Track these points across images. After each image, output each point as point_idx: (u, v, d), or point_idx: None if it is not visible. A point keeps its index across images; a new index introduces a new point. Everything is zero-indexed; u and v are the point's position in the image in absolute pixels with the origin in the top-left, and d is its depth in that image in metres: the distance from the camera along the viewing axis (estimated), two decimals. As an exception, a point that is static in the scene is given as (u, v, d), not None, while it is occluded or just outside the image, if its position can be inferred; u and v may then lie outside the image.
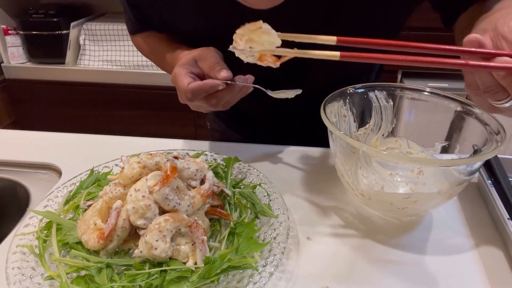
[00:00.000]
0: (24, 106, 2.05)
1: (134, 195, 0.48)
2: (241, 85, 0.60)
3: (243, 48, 0.40)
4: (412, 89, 0.65)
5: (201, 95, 0.59)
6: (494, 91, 0.40)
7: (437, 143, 0.65)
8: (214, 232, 0.53)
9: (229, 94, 0.60)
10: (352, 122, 0.66)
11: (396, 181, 0.63)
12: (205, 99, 0.60)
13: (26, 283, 0.45)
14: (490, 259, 0.53)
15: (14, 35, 1.94)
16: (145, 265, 0.47)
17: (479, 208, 0.62)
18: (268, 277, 0.46)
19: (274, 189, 0.60)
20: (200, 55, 0.61)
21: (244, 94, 0.62)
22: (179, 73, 0.60)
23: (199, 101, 0.60)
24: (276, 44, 0.39)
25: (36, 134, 0.85)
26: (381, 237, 0.56)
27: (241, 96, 0.62)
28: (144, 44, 0.81)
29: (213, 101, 0.59)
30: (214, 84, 0.57)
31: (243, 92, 0.62)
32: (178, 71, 0.61)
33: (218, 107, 0.62)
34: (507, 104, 0.40)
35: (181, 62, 0.62)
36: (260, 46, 0.39)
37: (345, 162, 0.57)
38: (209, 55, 0.60)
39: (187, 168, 0.53)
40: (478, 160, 0.50)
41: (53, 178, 0.73)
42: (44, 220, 0.53)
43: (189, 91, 0.57)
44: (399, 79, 1.89)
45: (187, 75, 0.59)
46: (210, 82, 0.57)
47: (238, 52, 0.41)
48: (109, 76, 1.91)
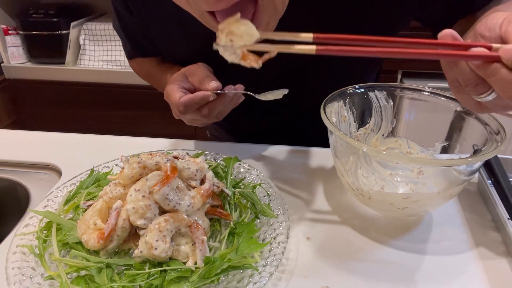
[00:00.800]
0: (24, 106, 2.05)
1: (134, 195, 0.48)
2: (231, 94, 0.61)
3: (224, 44, 0.41)
4: (412, 89, 0.65)
5: (193, 108, 0.60)
6: (474, 84, 0.39)
7: (437, 143, 0.65)
8: (214, 232, 0.53)
9: (220, 104, 0.61)
10: (352, 122, 0.66)
11: (396, 181, 0.63)
12: (197, 111, 0.61)
13: (26, 283, 0.45)
14: (490, 259, 0.53)
15: (14, 35, 1.94)
16: (145, 265, 0.47)
17: (479, 208, 0.62)
18: (268, 277, 0.46)
19: (274, 189, 0.60)
20: (190, 70, 0.63)
21: (236, 104, 0.63)
22: (171, 89, 0.62)
23: (192, 114, 0.62)
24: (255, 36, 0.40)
25: (36, 134, 0.85)
26: (381, 237, 0.56)
27: (232, 106, 0.64)
28: (139, 69, 0.85)
29: (204, 111, 0.60)
30: (204, 95, 0.59)
31: (234, 102, 0.63)
32: (169, 87, 0.63)
33: (211, 119, 0.63)
34: (489, 97, 0.40)
35: (172, 78, 0.64)
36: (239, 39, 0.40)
37: (345, 162, 0.57)
38: (199, 70, 0.62)
39: (187, 168, 0.53)
40: (478, 160, 0.50)
41: (53, 178, 0.73)
42: (44, 220, 0.53)
43: (181, 104, 0.59)
44: (399, 79, 1.89)
45: (178, 90, 0.61)
46: (200, 94, 0.59)
47: (221, 50, 0.41)
48: (109, 76, 1.91)
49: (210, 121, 0.64)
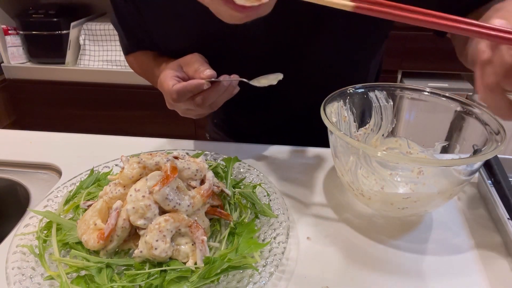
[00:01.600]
0: (24, 106, 2.06)
1: (134, 195, 0.48)
2: (226, 83, 0.60)
3: None
4: (412, 89, 0.65)
5: (186, 96, 0.59)
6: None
7: (437, 143, 0.65)
8: (214, 232, 0.53)
9: (214, 93, 0.60)
10: (352, 122, 0.66)
11: (396, 181, 0.63)
12: (191, 100, 0.60)
13: (26, 283, 0.45)
14: (490, 259, 0.53)
15: (14, 35, 1.94)
16: (145, 265, 0.47)
17: (479, 208, 0.62)
18: (268, 277, 0.46)
19: (274, 189, 0.60)
20: (185, 60, 0.63)
21: (231, 95, 0.63)
22: (165, 77, 0.61)
23: (186, 103, 0.61)
24: None
25: (36, 134, 0.85)
26: (381, 237, 0.56)
27: (227, 96, 0.63)
28: (136, 63, 0.84)
29: (198, 100, 0.60)
30: (198, 83, 0.58)
31: (229, 92, 0.62)
32: (163, 75, 0.62)
33: (205, 108, 0.62)
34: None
35: (166, 67, 0.64)
36: None
37: (345, 162, 0.57)
38: (193, 60, 0.62)
39: (187, 168, 0.53)
40: (478, 160, 0.50)
41: (53, 178, 0.73)
42: (44, 220, 0.53)
43: (174, 91, 0.59)
44: (399, 79, 1.89)
45: (172, 78, 0.61)
46: (194, 82, 0.58)
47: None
48: (109, 76, 1.91)
49: (204, 111, 0.63)
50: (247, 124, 0.90)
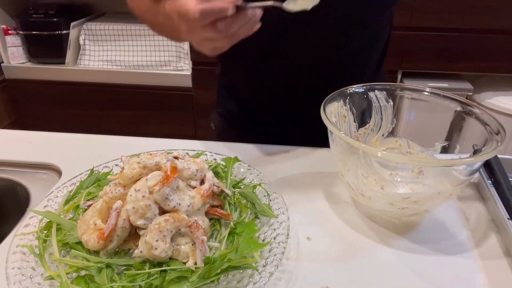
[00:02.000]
0: (24, 106, 2.05)
1: (134, 195, 0.48)
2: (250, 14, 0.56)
3: None
4: (412, 89, 0.65)
5: (209, 18, 0.55)
6: None
7: (437, 143, 0.65)
8: (214, 232, 0.53)
9: (238, 21, 0.56)
10: (352, 122, 0.66)
11: (396, 181, 0.63)
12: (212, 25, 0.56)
13: (26, 283, 0.45)
14: (490, 259, 0.53)
15: (14, 35, 1.94)
16: (145, 265, 0.47)
17: (479, 208, 0.62)
18: (268, 277, 0.46)
19: (274, 189, 0.60)
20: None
21: (251, 29, 0.58)
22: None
23: (206, 29, 0.57)
24: None
25: (36, 134, 0.85)
26: (381, 237, 0.56)
27: (248, 30, 0.59)
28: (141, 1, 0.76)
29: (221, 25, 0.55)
30: (223, 6, 0.54)
31: (250, 25, 0.58)
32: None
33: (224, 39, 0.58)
34: None
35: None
36: None
37: (345, 162, 0.57)
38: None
39: (187, 168, 0.53)
40: (478, 160, 0.50)
41: (53, 178, 0.73)
42: (44, 220, 0.53)
43: (198, 11, 0.54)
44: (399, 79, 1.89)
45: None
46: (220, 3, 0.54)
47: None
48: (109, 76, 1.91)
49: (222, 43, 0.59)
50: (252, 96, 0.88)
